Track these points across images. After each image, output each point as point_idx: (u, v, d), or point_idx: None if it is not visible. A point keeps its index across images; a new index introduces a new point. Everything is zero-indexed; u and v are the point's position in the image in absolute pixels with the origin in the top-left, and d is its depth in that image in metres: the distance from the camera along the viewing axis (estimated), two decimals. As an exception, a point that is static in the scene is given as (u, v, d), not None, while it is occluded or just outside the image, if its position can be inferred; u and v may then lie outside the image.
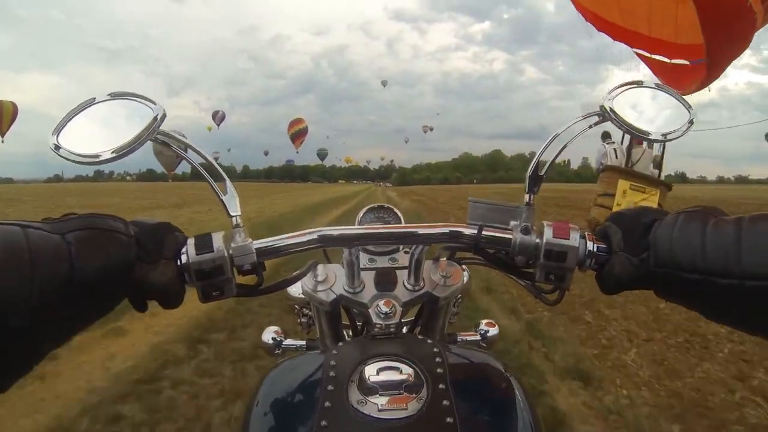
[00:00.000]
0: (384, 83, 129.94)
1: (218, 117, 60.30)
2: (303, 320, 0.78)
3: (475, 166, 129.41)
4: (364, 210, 0.68)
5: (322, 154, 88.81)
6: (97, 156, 0.37)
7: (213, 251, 0.39)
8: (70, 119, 0.38)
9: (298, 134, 53.70)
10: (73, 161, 0.37)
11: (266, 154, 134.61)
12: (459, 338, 0.74)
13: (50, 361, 1.92)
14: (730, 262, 0.33)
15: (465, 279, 0.56)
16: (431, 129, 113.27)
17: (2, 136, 35.53)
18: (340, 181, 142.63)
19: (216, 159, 0.43)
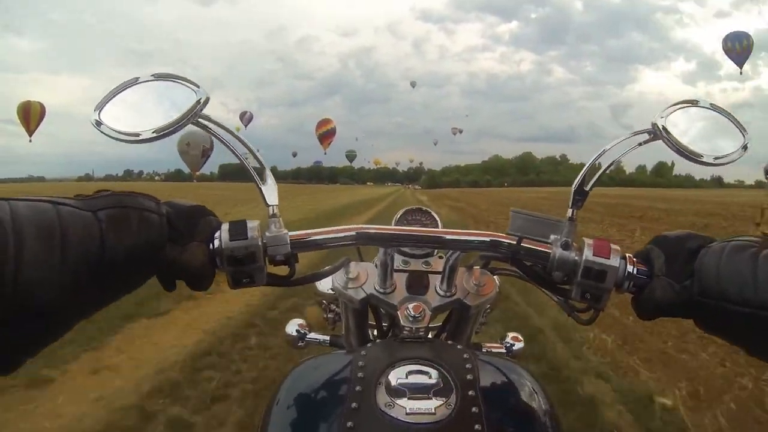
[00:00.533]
0: (413, 84, 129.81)
1: (246, 118, 60.43)
2: (329, 316, 0.79)
3: (505, 168, 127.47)
4: (402, 211, 0.69)
5: (350, 156, 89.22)
6: (137, 135, 0.37)
7: (247, 238, 0.39)
8: (113, 97, 0.39)
9: (326, 135, 53.87)
10: (113, 138, 0.37)
11: (294, 155, 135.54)
12: (485, 349, 0.75)
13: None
14: None
15: (496, 290, 0.55)
16: (460, 131, 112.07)
17: (30, 136, 37.41)
18: (368, 183, 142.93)
19: (245, 159, 0.43)
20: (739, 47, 32.72)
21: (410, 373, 0.37)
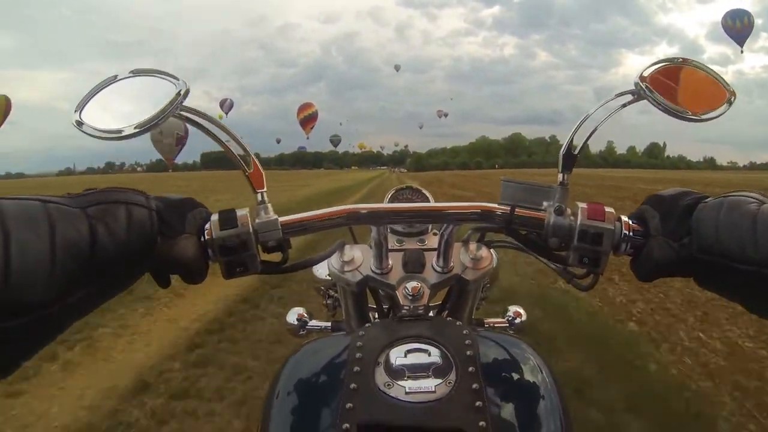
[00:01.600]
0: (397, 67, 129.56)
1: (226, 105, 59.61)
2: (329, 302, 0.80)
3: (494, 150, 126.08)
4: (393, 191, 0.70)
5: (335, 141, 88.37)
6: (119, 131, 0.37)
7: (237, 227, 0.39)
8: (93, 96, 0.39)
9: (308, 119, 52.51)
10: (96, 136, 0.37)
11: (278, 142, 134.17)
12: (486, 324, 0.75)
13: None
14: None
15: (494, 263, 0.54)
16: (446, 115, 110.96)
17: (-5, 129, 35.67)
18: (352, 167, 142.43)
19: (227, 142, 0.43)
20: (739, 24, 32.20)
21: (409, 351, 0.38)
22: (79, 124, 0.37)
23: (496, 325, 0.77)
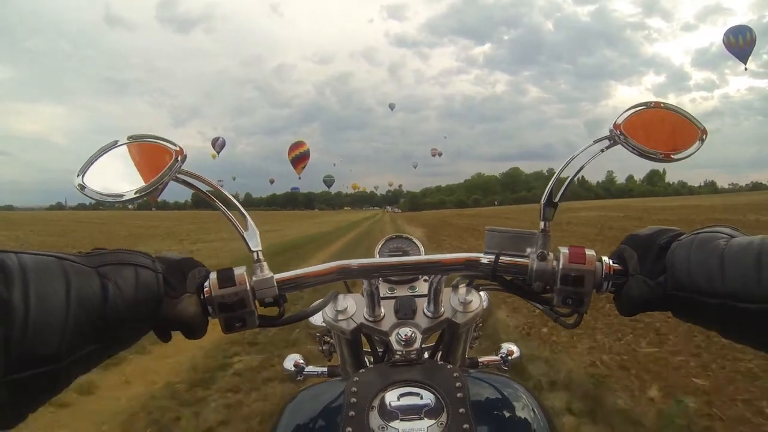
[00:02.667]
0: (392, 106, 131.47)
1: (218, 144, 59.04)
2: (324, 347, 0.80)
3: (491, 186, 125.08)
4: (383, 240, 0.72)
5: (328, 181, 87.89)
6: (120, 195, 0.40)
7: (235, 285, 0.41)
8: (95, 161, 0.42)
9: (299, 158, 50.95)
10: (98, 200, 0.40)
11: (272, 182, 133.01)
12: (480, 362, 0.77)
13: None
14: (750, 284, 0.33)
15: (484, 304, 0.57)
16: (440, 154, 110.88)
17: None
18: (345, 207, 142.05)
19: (221, 185, 0.46)
20: (742, 41, 31.45)
21: (402, 395, 0.40)
22: (82, 187, 0.40)
23: (489, 363, 0.78)
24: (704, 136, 0.44)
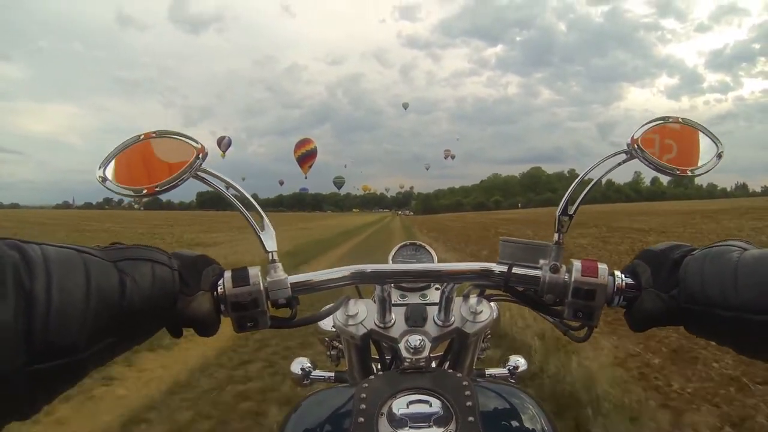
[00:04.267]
0: (405, 105, 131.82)
1: (224, 144, 59.43)
2: (332, 353, 0.82)
3: (510, 187, 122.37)
4: (397, 247, 0.74)
5: (338, 183, 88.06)
6: (140, 191, 0.42)
7: (249, 284, 0.42)
8: (117, 154, 0.43)
9: (306, 157, 51.04)
10: (118, 193, 0.42)
11: (281, 183, 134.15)
12: (487, 373, 0.80)
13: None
14: (766, 295, 0.33)
15: (494, 315, 0.58)
16: (453, 156, 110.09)
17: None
18: (354, 209, 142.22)
19: (227, 186, 0.47)
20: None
21: (411, 402, 0.41)
22: (103, 180, 0.41)
23: (497, 374, 0.80)
24: (722, 153, 0.46)
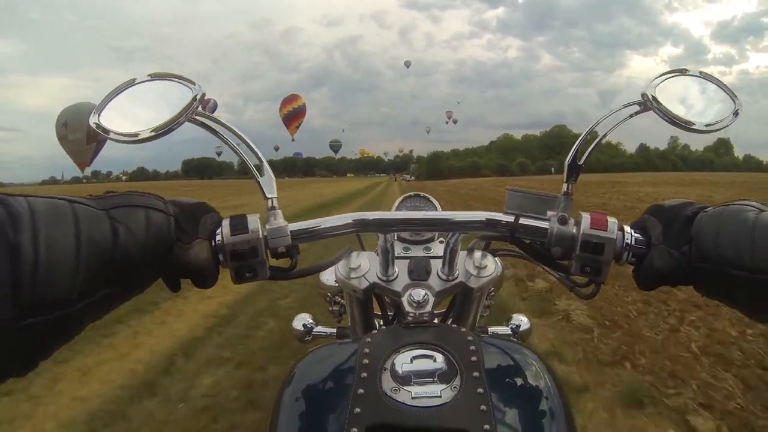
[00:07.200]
0: (407, 64, 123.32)
1: (209, 107, 50.29)
2: (334, 308, 0.86)
3: (529, 148, 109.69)
4: (401, 198, 0.76)
5: (335, 146, 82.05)
6: (135, 135, 0.41)
7: (248, 232, 0.42)
8: (111, 99, 0.43)
9: (293, 115, 43.73)
10: (113, 139, 0.41)
11: (276, 149, 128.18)
12: (490, 331, 0.81)
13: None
14: None
15: (499, 270, 0.58)
16: (455, 121, 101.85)
17: None
18: (348, 174, 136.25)
19: (219, 153, 0.40)
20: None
21: (415, 357, 0.41)
22: (97, 126, 0.41)
23: (499, 332, 0.81)
24: (739, 110, 0.45)
